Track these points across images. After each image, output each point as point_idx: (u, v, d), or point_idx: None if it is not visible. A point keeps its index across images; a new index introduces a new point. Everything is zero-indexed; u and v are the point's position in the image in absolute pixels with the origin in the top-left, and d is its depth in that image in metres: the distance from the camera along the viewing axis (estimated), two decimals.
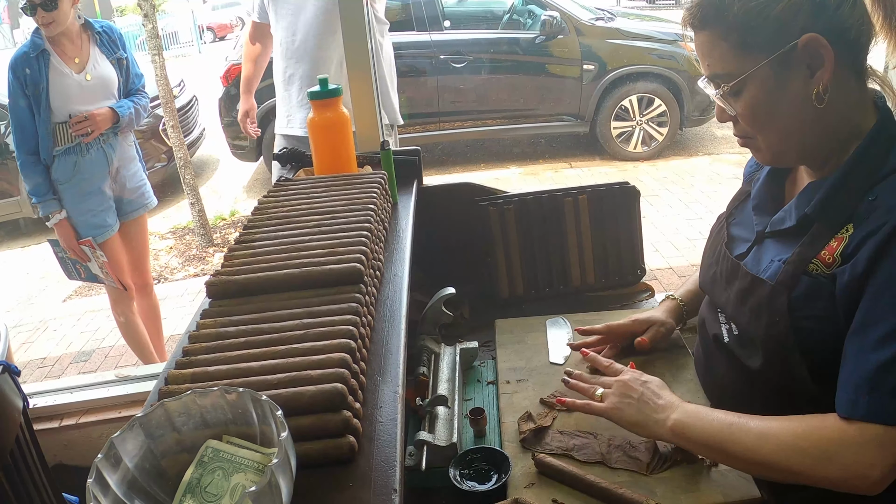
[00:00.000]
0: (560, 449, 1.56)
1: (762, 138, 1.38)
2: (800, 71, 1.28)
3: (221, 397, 1.04)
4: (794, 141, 1.36)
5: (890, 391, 1.17)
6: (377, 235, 1.69)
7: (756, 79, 1.30)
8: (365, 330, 1.33)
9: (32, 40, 3.53)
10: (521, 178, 8.10)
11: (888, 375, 1.17)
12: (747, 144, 1.43)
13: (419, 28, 8.30)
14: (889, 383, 1.17)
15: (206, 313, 1.40)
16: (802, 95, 1.29)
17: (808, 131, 1.33)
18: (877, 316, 1.21)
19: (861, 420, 1.20)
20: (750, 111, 1.34)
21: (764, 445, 1.30)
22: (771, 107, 1.32)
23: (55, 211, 3.71)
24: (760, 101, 1.32)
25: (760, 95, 1.31)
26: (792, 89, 1.30)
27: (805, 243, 1.34)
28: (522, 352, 1.97)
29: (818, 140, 1.35)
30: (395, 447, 1.11)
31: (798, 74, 1.28)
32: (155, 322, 4.39)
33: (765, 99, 1.32)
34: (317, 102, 2.05)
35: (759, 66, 1.29)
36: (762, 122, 1.35)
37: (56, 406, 2.79)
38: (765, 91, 1.31)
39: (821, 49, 1.25)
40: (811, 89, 1.28)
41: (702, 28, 1.34)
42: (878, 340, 1.19)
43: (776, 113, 1.33)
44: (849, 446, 1.21)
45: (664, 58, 8.18)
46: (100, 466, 0.94)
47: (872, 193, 1.27)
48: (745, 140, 1.42)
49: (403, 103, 7.68)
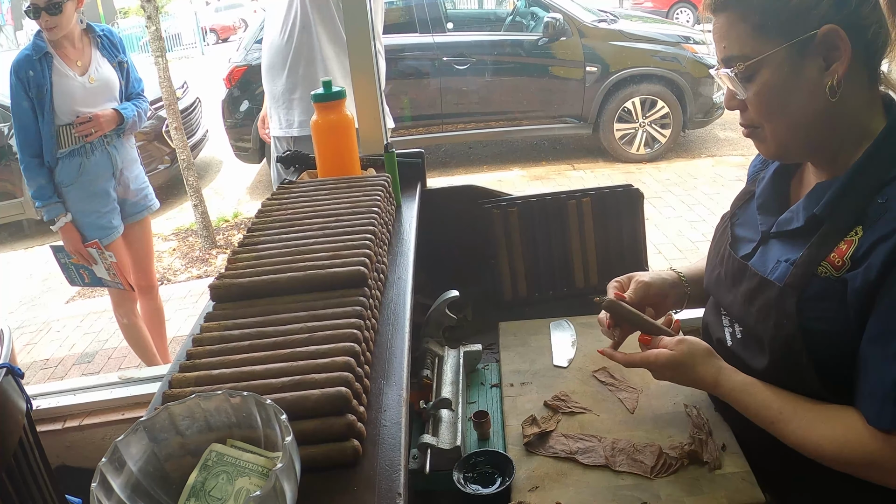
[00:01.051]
0: (564, 452, 1.56)
1: (769, 128, 1.37)
2: (815, 61, 1.28)
3: (225, 401, 1.03)
4: (801, 134, 1.35)
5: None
6: (381, 238, 1.69)
7: (771, 63, 1.30)
8: (369, 333, 1.33)
9: (35, 43, 3.54)
10: (523, 181, 8.10)
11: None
12: (752, 135, 1.42)
13: (422, 30, 8.30)
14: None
15: (209, 316, 1.40)
16: (815, 86, 1.29)
17: (816, 125, 1.33)
18: (894, 324, 1.21)
19: (889, 431, 1.21)
20: (761, 97, 1.33)
21: (806, 450, 1.33)
22: (782, 94, 1.31)
23: (60, 214, 3.70)
24: (773, 86, 1.31)
25: (773, 81, 1.31)
26: (806, 78, 1.29)
27: (814, 245, 1.33)
28: (526, 354, 1.96)
29: (825, 136, 1.34)
30: (399, 451, 1.11)
31: (813, 64, 1.28)
32: (159, 324, 4.39)
33: (777, 85, 1.31)
34: (320, 105, 2.05)
35: (776, 49, 1.28)
36: (772, 109, 1.34)
37: (59, 408, 2.79)
38: (778, 77, 1.30)
39: (839, 42, 1.25)
40: (825, 81, 1.28)
41: (723, 10, 1.34)
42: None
43: (787, 101, 1.32)
44: (888, 457, 1.22)
45: (667, 60, 8.18)
46: (104, 470, 0.94)
47: (883, 195, 1.26)
48: (751, 130, 1.41)
49: (406, 105, 7.68)
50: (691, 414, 1.63)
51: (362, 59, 2.48)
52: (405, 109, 8.10)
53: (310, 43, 3.49)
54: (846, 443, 1.27)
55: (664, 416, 1.66)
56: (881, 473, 1.25)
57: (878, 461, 1.23)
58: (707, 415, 1.63)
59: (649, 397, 1.73)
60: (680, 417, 1.65)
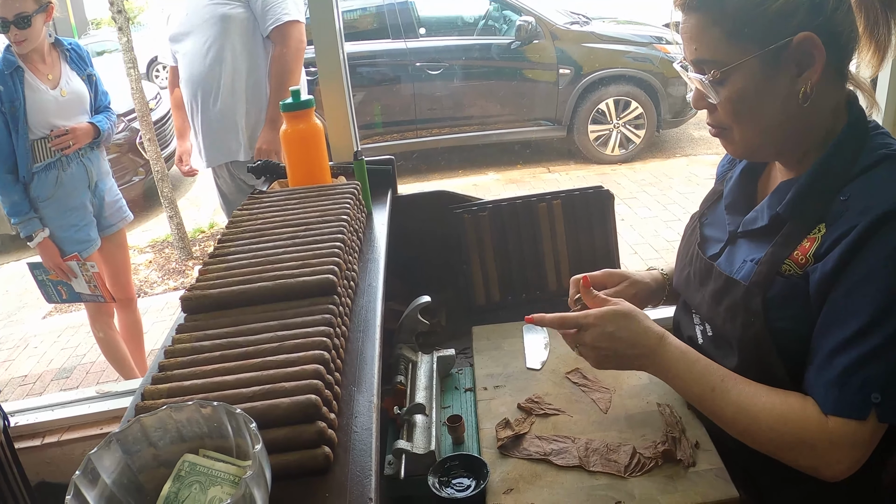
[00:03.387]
0: (538, 454, 1.57)
1: (739, 131, 1.37)
2: (788, 68, 1.28)
3: (196, 411, 1.04)
4: (770, 137, 1.36)
5: (859, 388, 1.21)
6: (351, 246, 1.70)
7: (743, 70, 1.30)
8: (339, 341, 1.34)
9: (5, 57, 3.51)
10: (498, 184, 8.12)
11: (859, 372, 1.21)
12: (721, 135, 1.42)
13: (394, 36, 8.31)
14: (858, 380, 1.21)
15: (181, 328, 1.41)
16: (788, 93, 1.30)
17: (786, 129, 1.34)
18: (847, 314, 1.23)
19: (832, 414, 1.23)
20: (732, 103, 1.34)
21: (742, 420, 1.34)
22: (754, 101, 1.32)
23: (38, 230, 3.67)
24: (744, 93, 1.31)
25: (745, 88, 1.31)
26: (778, 86, 1.30)
27: (778, 243, 1.35)
28: (500, 358, 1.98)
29: (794, 139, 1.36)
30: (370, 456, 1.12)
31: (787, 72, 1.29)
32: (137, 337, 4.37)
33: (749, 92, 1.31)
34: (289, 114, 2.06)
35: (749, 57, 1.28)
36: (742, 114, 1.34)
37: (37, 424, 2.78)
38: (751, 84, 1.30)
39: (814, 49, 1.25)
40: (798, 88, 1.29)
41: (696, 10, 1.32)
42: (848, 339, 1.23)
43: (758, 107, 1.33)
44: (824, 440, 1.24)
45: (640, 60, 8.23)
46: (78, 483, 0.94)
47: (844, 193, 1.28)
48: (720, 131, 1.42)
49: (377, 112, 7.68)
50: (664, 412, 1.64)
51: (331, 67, 2.49)
52: (377, 116, 8.11)
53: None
54: (783, 418, 1.29)
55: (637, 416, 1.67)
56: (810, 456, 1.26)
57: (809, 441, 1.25)
58: (680, 413, 1.64)
59: (622, 397, 1.74)
60: (653, 416, 1.66)
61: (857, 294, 1.22)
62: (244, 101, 3.66)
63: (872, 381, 1.20)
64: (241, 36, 3.58)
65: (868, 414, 1.21)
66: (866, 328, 1.21)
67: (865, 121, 1.36)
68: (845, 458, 1.24)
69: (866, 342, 1.21)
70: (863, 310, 1.22)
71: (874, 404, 1.20)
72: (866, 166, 1.29)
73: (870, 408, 1.20)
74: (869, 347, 1.21)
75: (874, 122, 1.37)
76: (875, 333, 1.20)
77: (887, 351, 1.20)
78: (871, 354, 1.20)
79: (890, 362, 1.20)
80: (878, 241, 1.21)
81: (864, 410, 1.21)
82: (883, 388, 1.20)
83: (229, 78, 3.61)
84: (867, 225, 1.21)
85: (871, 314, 1.21)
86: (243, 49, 3.59)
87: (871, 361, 1.20)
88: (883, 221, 1.20)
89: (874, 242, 1.21)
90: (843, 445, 1.23)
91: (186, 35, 3.66)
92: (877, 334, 1.20)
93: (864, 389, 1.21)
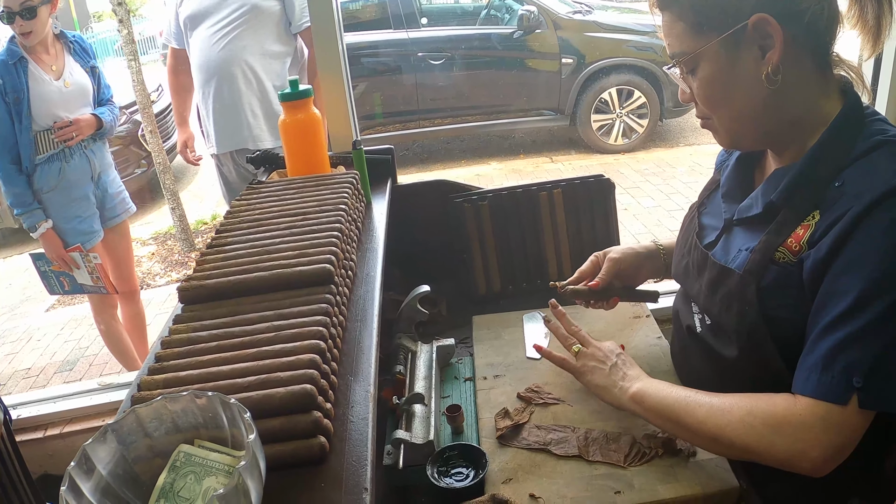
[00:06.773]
0: (537, 444, 1.57)
1: (717, 119, 1.39)
2: (751, 51, 1.29)
3: (191, 402, 1.04)
4: (748, 123, 1.37)
5: (840, 371, 1.18)
6: (349, 235, 1.70)
7: (708, 57, 1.32)
8: (336, 330, 1.34)
9: (9, 48, 3.51)
10: (501, 174, 8.10)
11: (840, 355, 1.19)
12: (707, 126, 1.44)
13: (396, 26, 8.29)
14: (840, 363, 1.19)
15: (178, 318, 1.40)
16: (754, 76, 1.30)
17: (762, 113, 1.34)
18: (834, 297, 1.22)
19: (809, 397, 1.22)
20: (704, 90, 1.36)
21: (714, 418, 1.33)
22: (723, 86, 1.33)
23: (41, 221, 3.67)
24: (712, 79, 1.33)
25: (712, 74, 1.33)
26: (743, 69, 1.30)
27: (771, 231, 1.34)
28: (500, 347, 1.97)
29: (776, 124, 1.35)
30: (366, 446, 1.12)
31: (749, 54, 1.29)
32: (140, 329, 4.38)
33: (717, 77, 1.33)
34: (287, 104, 2.05)
35: (710, 43, 1.30)
36: (715, 101, 1.36)
37: (40, 416, 2.79)
38: (717, 69, 1.32)
39: (770, 29, 1.26)
40: (762, 70, 1.29)
41: (663, 9, 1.37)
42: (832, 321, 1.21)
43: (728, 92, 1.34)
44: (793, 422, 1.23)
45: (642, 49, 8.19)
46: (73, 474, 0.94)
47: (839, 179, 1.27)
48: (705, 121, 1.44)
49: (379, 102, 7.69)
50: None
51: (330, 56, 2.48)
52: (379, 106, 8.09)
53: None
54: (755, 406, 1.28)
55: None
56: (782, 443, 1.24)
57: (777, 424, 1.24)
58: None
59: None
60: None
61: (846, 276, 1.20)
62: (258, 91, 3.70)
63: (855, 365, 1.18)
64: (268, 28, 3.63)
65: (849, 399, 1.18)
66: (851, 309, 1.19)
67: (861, 108, 1.34)
68: (818, 441, 1.20)
69: (850, 324, 1.19)
70: (849, 291, 1.19)
71: (856, 388, 1.17)
72: (861, 152, 1.28)
73: (851, 392, 1.17)
74: (852, 329, 1.18)
75: (872, 109, 1.36)
76: (860, 315, 1.18)
77: (872, 333, 1.17)
78: (855, 336, 1.18)
79: (876, 346, 1.17)
80: (868, 224, 1.19)
81: (845, 395, 1.18)
82: (866, 373, 1.17)
83: (248, 67, 3.65)
84: (860, 209, 1.20)
85: (856, 296, 1.18)
86: (267, 41, 3.63)
87: (855, 344, 1.18)
88: (875, 204, 1.19)
89: (865, 225, 1.19)
90: (815, 427, 1.20)
91: (205, 17, 3.68)
92: (862, 316, 1.18)
93: (846, 373, 1.18)
